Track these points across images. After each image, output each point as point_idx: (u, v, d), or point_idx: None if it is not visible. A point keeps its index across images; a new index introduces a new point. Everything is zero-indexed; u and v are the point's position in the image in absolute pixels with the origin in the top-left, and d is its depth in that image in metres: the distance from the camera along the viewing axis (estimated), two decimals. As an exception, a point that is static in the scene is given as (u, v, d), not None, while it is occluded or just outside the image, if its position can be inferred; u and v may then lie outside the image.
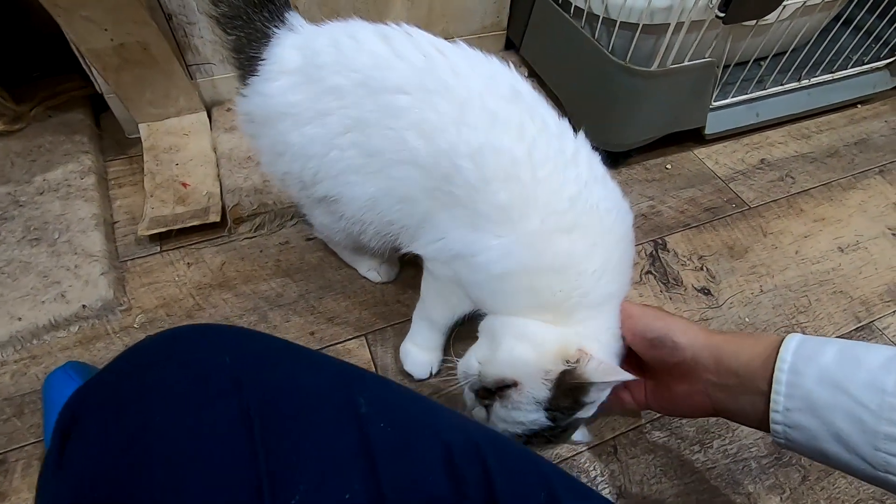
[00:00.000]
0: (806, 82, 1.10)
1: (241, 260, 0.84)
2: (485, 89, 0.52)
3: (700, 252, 0.92)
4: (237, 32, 0.58)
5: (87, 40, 0.81)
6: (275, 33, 0.58)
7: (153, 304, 0.78)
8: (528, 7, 1.11)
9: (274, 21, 0.58)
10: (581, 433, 0.59)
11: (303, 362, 0.38)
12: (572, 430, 0.57)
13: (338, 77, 0.54)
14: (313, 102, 0.56)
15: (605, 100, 0.98)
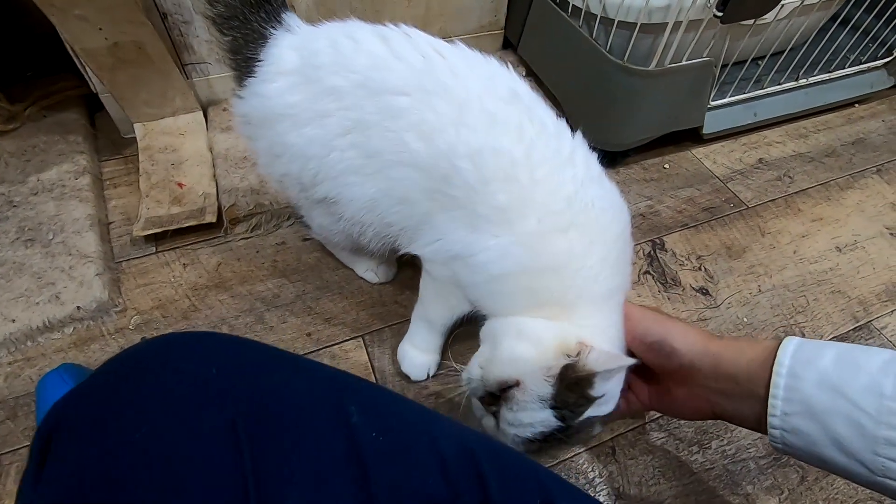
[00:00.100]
0: (804, 82, 1.10)
1: (237, 261, 0.84)
2: (483, 90, 0.52)
3: (698, 252, 0.92)
4: (233, 33, 0.58)
5: (82, 40, 0.80)
6: (272, 34, 0.58)
7: (148, 305, 0.77)
8: (526, 6, 1.11)
9: (271, 22, 0.58)
10: (596, 428, 0.58)
11: (294, 371, 0.37)
12: (589, 428, 0.56)
13: (337, 78, 0.54)
14: (312, 103, 0.55)
15: (603, 99, 0.98)
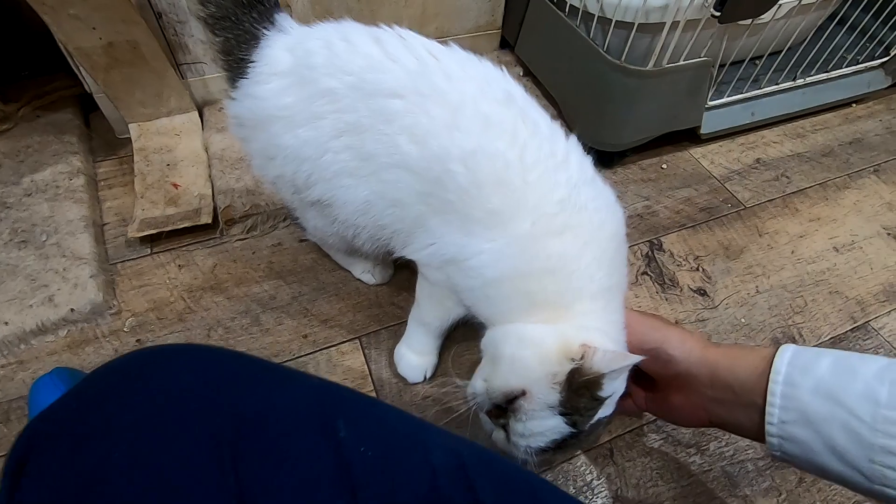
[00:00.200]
0: (801, 81, 1.10)
1: (233, 262, 0.83)
2: (478, 93, 0.52)
3: (696, 252, 0.92)
4: (226, 34, 0.57)
5: (75, 39, 0.79)
6: (264, 35, 0.57)
7: (143, 307, 0.77)
8: (523, 6, 1.10)
9: (263, 22, 0.57)
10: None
11: (280, 384, 0.36)
12: (599, 429, 0.55)
13: (331, 80, 0.53)
14: (306, 105, 0.55)
15: (601, 99, 0.98)
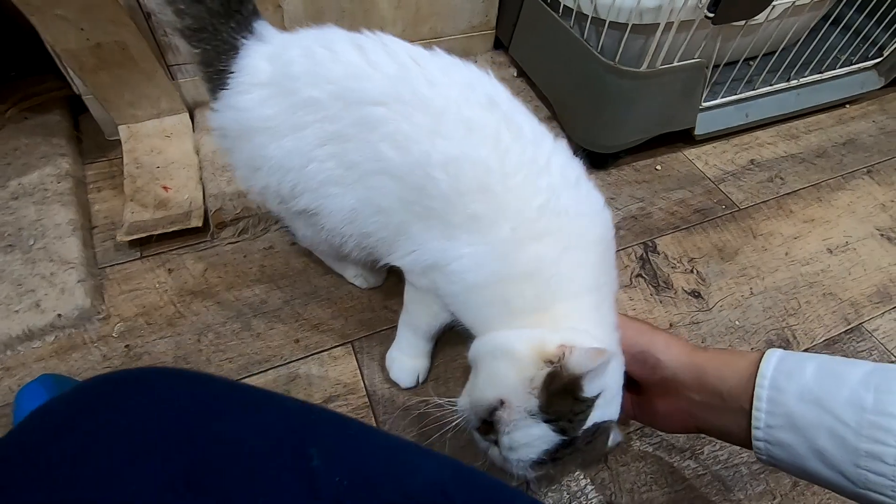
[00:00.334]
0: (795, 82, 1.10)
1: (223, 266, 0.82)
2: (460, 98, 0.51)
3: (690, 254, 0.92)
4: (203, 46, 0.56)
5: (63, 40, 0.78)
6: (243, 44, 0.56)
7: (132, 312, 0.76)
8: (517, 6, 1.09)
9: (242, 32, 0.56)
10: (614, 435, 0.55)
11: (248, 410, 0.34)
12: (604, 437, 0.53)
13: (312, 89, 0.53)
14: (288, 115, 0.54)
15: (595, 100, 0.97)
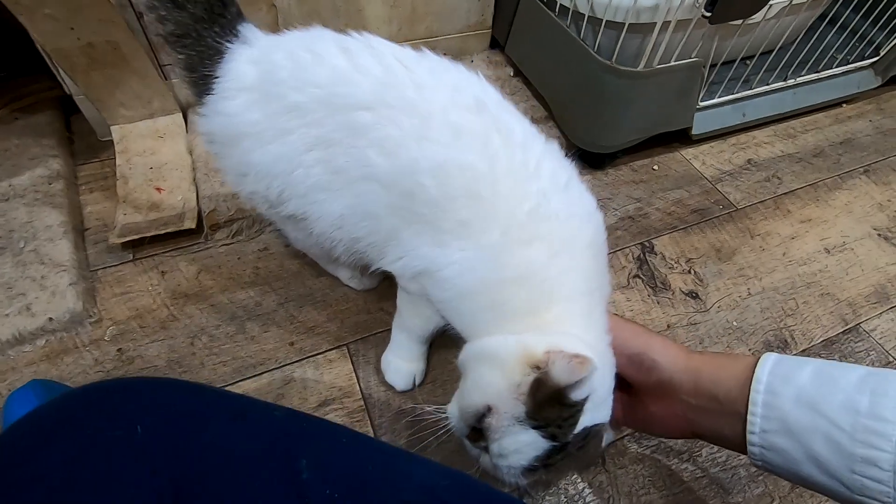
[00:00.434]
0: (792, 82, 1.10)
1: (217, 268, 0.81)
2: (449, 102, 0.50)
3: (688, 255, 0.91)
4: (187, 51, 0.55)
5: (53, 40, 0.77)
6: (228, 48, 0.55)
7: (125, 315, 0.75)
8: (514, 6, 1.09)
9: (226, 36, 0.55)
10: (607, 435, 0.55)
11: (235, 421, 0.34)
12: (597, 440, 0.53)
13: (297, 94, 0.52)
14: (274, 120, 0.53)
15: (591, 100, 0.97)
